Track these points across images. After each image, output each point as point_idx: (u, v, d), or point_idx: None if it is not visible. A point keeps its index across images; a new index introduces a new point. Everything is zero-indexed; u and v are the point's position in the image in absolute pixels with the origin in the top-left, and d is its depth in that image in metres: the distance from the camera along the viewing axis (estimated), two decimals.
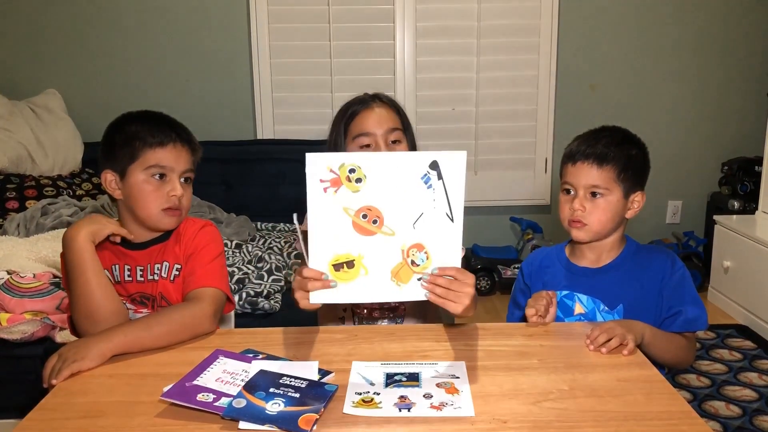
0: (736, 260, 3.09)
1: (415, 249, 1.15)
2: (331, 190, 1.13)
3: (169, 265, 1.45)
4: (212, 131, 3.30)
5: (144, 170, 1.39)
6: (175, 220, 1.43)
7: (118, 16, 3.39)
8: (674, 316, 1.41)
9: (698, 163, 3.66)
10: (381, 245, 1.14)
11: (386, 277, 1.15)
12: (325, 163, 1.12)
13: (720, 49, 3.53)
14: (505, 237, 3.72)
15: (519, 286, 1.63)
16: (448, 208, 1.14)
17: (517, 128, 3.55)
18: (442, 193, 1.14)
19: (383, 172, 1.13)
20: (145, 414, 1.03)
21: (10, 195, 2.87)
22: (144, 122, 1.42)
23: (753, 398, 2.37)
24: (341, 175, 1.13)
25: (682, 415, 1.02)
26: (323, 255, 1.15)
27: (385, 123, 1.51)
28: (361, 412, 1.03)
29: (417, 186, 1.13)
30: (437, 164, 1.13)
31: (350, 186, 1.13)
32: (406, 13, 3.39)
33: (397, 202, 1.14)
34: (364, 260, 1.15)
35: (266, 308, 2.13)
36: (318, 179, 1.13)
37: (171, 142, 1.40)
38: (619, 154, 1.42)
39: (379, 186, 1.13)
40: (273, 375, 1.12)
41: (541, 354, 1.24)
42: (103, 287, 1.33)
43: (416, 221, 1.14)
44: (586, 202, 1.43)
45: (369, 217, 1.14)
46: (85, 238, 1.33)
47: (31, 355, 1.94)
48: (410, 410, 1.03)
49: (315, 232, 1.14)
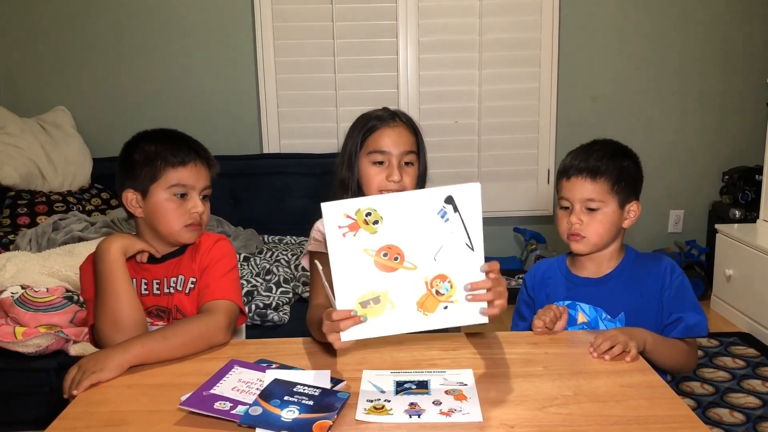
0: (737, 268, 3.12)
1: (438, 279, 1.17)
2: (350, 234, 1.15)
3: (185, 278, 1.49)
4: (219, 146, 3.34)
5: (166, 189, 1.43)
6: (196, 234, 1.48)
7: (126, 34, 3.45)
8: (675, 322, 1.44)
9: (699, 172, 3.70)
10: (404, 279, 1.16)
11: (413, 308, 1.17)
12: (341, 210, 1.15)
13: (720, 59, 3.58)
14: (509, 247, 3.75)
15: (522, 298, 1.67)
16: (467, 239, 1.16)
17: (519, 140, 3.60)
18: (459, 225, 1.16)
19: (399, 211, 1.15)
20: (165, 422, 1.07)
21: (22, 211, 2.93)
22: (163, 142, 1.46)
23: (757, 405, 2.39)
24: (358, 219, 1.15)
25: (684, 419, 1.05)
26: (350, 296, 1.16)
27: (402, 145, 1.53)
28: (373, 419, 1.06)
29: (434, 221, 1.15)
30: (452, 198, 1.15)
31: (368, 228, 1.15)
32: (409, 27, 3.45)
33: (416, 238, 1.16)
34: (389, 295, 1.17)
35: (275, 320, 2.17)
36: (336, 226, 1.15)
37: (191, 161, 1.45)
38: (612, 166, 1.45)
39: (397, 225, 1.15)
40: (287, 384, 1.16)
41: (545, 361, 1.27)
42: (130, 298, 1.38)
43: (437, 253, 1.16)
44: (583, 215, 1.46)
45: (390, 255, 1.16)
46: (118, 250, 1.39)
47: (46, 368, 1.98)
48: (420, 416, 1.07)
49: (339, 276, 1.16)
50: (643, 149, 1.58)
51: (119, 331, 1.36)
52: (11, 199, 2.97)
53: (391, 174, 1.51)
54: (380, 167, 1.53)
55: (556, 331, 1.42)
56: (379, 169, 1.53)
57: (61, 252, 2.44)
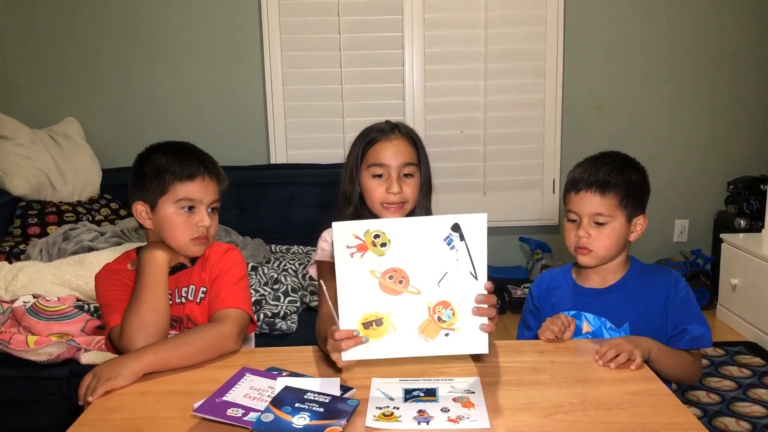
0: (743, 278, 3.13)
1: (441, 306, 1.19)
2: (357, 255, 1.18)
3: (195, 288, 1.51)
4: (227, 156, 3.35)
5: (174, 203, 1.46)
6: (203, 248, 1.50)
7: (135, 47, 3.50)
8: (680, 334, 1.45)
9: (705, 182, 3.72)
10: (407, 303, 1.19)
11: (414, 333, 1.19)
12: (350, 230, 1.18)
13: (725, 70, 3.60)
14: (515, 257, 3.77)
15: (528, 308, 1.69)
16: (471, 267, 1.19)
17: (524, 150, 3.62)
18: (465, 254, 1.18)
19: (407, 235, 1.18)
20: (179, 429, 1.09)
21: (32, 221, 2.96)
22: (173, 155, 1.49)
23: (763, 414, 2.40)
24: (366, 241, 1.18)
25: (689, 425, 1.07)
26: (353, 315, 1.20)
27: (400, 156, 1.54)
28: (382, 425, 1.08)
29: (440, 247, 1.18)
30: (459, 226, 1.18)
31: (376, 250, 1.18)
32: (415, 39, 3.48)
33: (421, 263, 1.19)
34: (392, 318, 1.19)
35: (283, 329, 2.19)
36: (345, 245, 1.18)
37: (200, 175, 1.47)
38: (621, 180, 1.46)
39: (404, 249, 1.18)
40: (298, 391, 1.18)
41: (552, 369, 1.29)
42: (166, 305, 1.42)
43: (441, 280, 1.19)
44: (591, 229, 1.48)
45: (395, 278, 1.19)
46: (165, 259, 1.44)
47: (57, 376, 2.00)
48: (429, 423, 1.09)
49: (344, 295, 1.19)
50: (648, 159, 1.60)
51: (146, 334, 1.37)
52: (22, 209, 3.00)
53: (391, 186, 1.53)
54: (380, 180, 1.55)
55: (563, 340, 1.43)
56: (379, 181, 1.55)
57: (72, 262, 2.47)
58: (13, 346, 1.96)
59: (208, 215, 1.49)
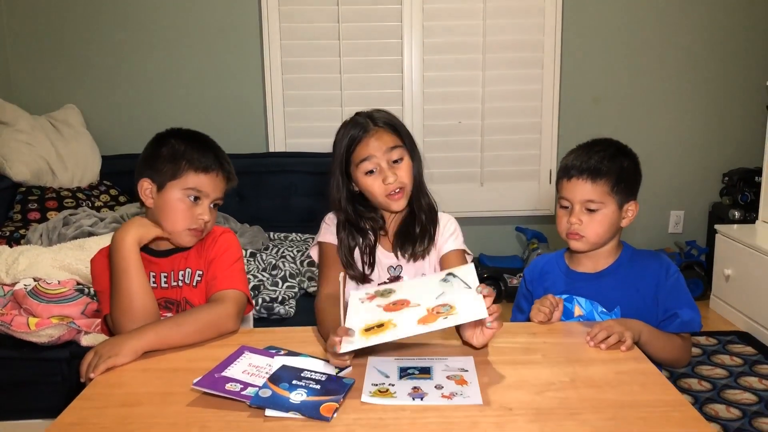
0: (736, 268, 3.16)
1: (439, 306, 1.24)
2: (367, 301, 1.35)
3: (192, 271, 1.54)
4: (226, 144, 3.34)
5: (182, 190, 1.47)
6: (195, 240, 1.53)
7: (134, 34, 3.51)
8: (670, 318, 1.48)
9: (700, 174, 3.75)
10: (408, 312, 1.26)
11: (413, 324, 1.21)
12: (365, 291, 1.39)
13: (720, 62, 3.62)
14: (511, 247, 3.80)
15: (522, 292, 1.72)
16: (465, 285, 1.29)
17: (521, 140, 3.65)
18: (459, 283, 1.30)
19: (410, 286, 1.37)
20: (179, 403, 1.12)
21: (32, 206, 2.98)
22: (193, 144, 1.50)
23: (753, 401, 2.44)
24: (376, 294, 1.37)
25: (675, 403, 1.10)
26: (356, 325, 1.25)
27: (384, 144, 1.55)
28: (378, 401, 1.11)
29: (438, 285, 1.32)
30: (453, 274, 1.34)
31: (383, 297, 1.35)
32: (414, 29, 3.50)
33: (421, 293, 1.31)
34: (393, 321, 1.24)
35: (281, 313, 2.22)
36: (358, 299, 1.36)
37: (214, 170, 1.50)
38: (612, 167, 1.48)
39: (407, 292, 1.35)
40: (295, 369, 1.20)
41: (544, 350, 1.32)
42: (143, 287, 1.43)
43: (438, 296, 1.28)
44: (583, 215, 1.50)
45: (398, 304, 1.30)
46: (132, 240, 1.43)
47: (58, 358, 2.02)
48: (423, 399, 1.12)
49: (351, 318, 1.28)
50: (643, 150, 1.62)
51: (132, 318, 1.40)
52: (22, 194, 3.02)
53: (385, 177, 1.55)
54: (374, 175, 1.56)
55: (552, 321, 1.46)
56: (374, 177, 1.56)
57: (72, 246, 2.49)
58: (15, 327, 1.99)
59: (210, 210, 1.51)
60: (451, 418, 1.06)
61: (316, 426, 1.04)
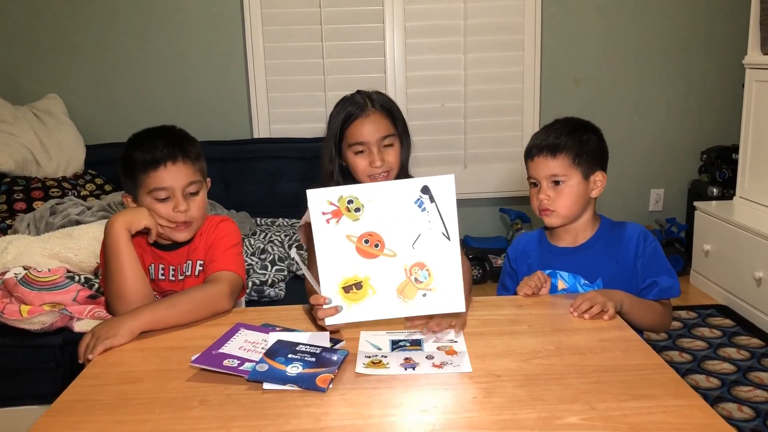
0: (716, 244, 3.23)
1: (417, 267, 1.25)
2: (333, 221, 1.25)
3: (193, 263, 1.57)
4: (210, 131, 3.42)
5: (148, 194, 1.48)
6: (186, 233, 1.53)
7: (116, 22, 3.49)
8: (650, 286, 1.54)
9: (679, 152, 3.81)
10: (385, 266, 1.25)
11: (392, 294, 1.25)
12: (325, 197, 1.24)
13: (697, 41, 3.68)
14: (496, 228, 3.85)
15: (506, 270, 1.76)
16: (443, 228, 1.24)
17: (504, 122, 3.69)
18: (436, 215, 1.24)
19: (379, 199, 1.24)
20: (178, 379, 1.15)
21: (18, 197, 2.98)
22: (140, 145, 1.50)
23: (731, 371, 2.51)
24: (341, 206, 1.24)
25: (656, 366, 1.16)
26: (332, 280, 1.26)
27: (377, 132, 1.59)
28: (372, 372, 1.16)
29: (412, 210, 1.24)
30: (428, 189, 1.24)
31: (350, 215, 1.24)
32: (395, 13, 3.52)
33: (395, 227, 1.24)
34: (371, 281, 1.26)
35: (272, 295, 2.26)
36: (320, 212, 1.24)
37: (164, 161, 1.47)
38: (571, 141, 1.55)
39: (377, 213, 1.24)
40: (290, 344, 1.24)
41: (530, 321, 1.37)
42: (135, 271, 1.45)
43: (415, 242, 1.25)
44: (550, 190, 1.56)
45: (371, 242, 1.25)
46: (121, 226, 1.45)
47: (51, 344, 2.04)
48: (415, 369, 1.16)
49: (323, 260, 1.25)
50: (624, 130, 1.67)
51: (125, 302, 1.44)
52: (7, 185, 3.02)
53: (373, 161, 1.59)
54: (363, 155, 1.61)
55: (540, 295, 1.51)
56: (362, 156, 1.61)
57: (61, 235, 2.49)
58: (7, 315, 2.00)
59: (186, 199, 1.50)
60: (442, 386, 1.11)
61: (312, 396, 1.08)
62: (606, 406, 1.02)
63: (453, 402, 1.06)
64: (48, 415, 1.06)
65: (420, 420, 1.01)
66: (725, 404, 2.28)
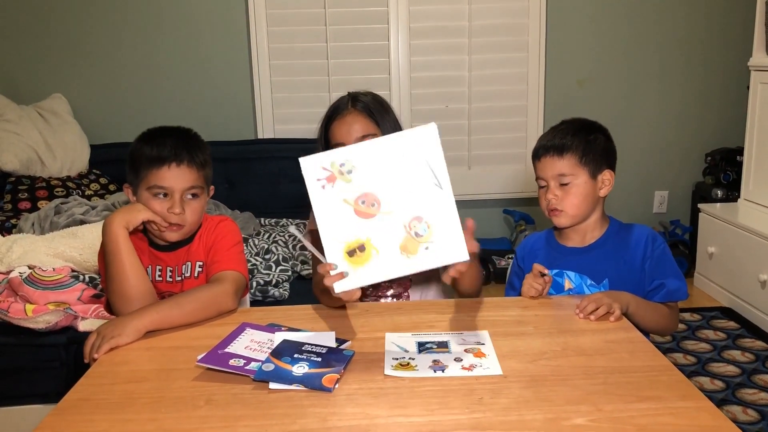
0: (720, 246, 3.23)
1: (415, 221, 1.23)
2: (328, 186, 1.24)
3: (192, 264, 1.57)
4: (215, 132, 3.42)
5: (147, 189, 1.49)
6: (176, 234, 1.52)
7: (121, 22, 3.50)
8: (657, 288, 1.53)
9: (683, 154, 3.80)
10: (384, 225, 1.24)
11: (396, 252, 1.24)
12: (318, 163, 1.24)
13: (702, 43, 3.67)
14: (499, 229, 3.85)
15: (514, 270, 1.76)
16: (434, 179, 1.23)
17: (508, 124, 3.69)
18: (425, 166, 1.24)
19: (369, 159, 1.23)
20: (184, 378, 1.15)
21: (23, 196, 2.99)
22: (150, 141, 1.50)
23: (736, 373, 2.51)
24: (334, 171, 1.24)
25: (662, 368, 1.15)
26: (336, 246, 1.24)
27: (355, 132, 1.61)
28: (401, 374, 1.15)
29: (401, 164, 1.23)
30: (413, 141, 1.24)
31: (344, 178, 1.23)
32: (400, 14, 3.52)
33: (388, 183, 1.23)
34: (372, 241, 1.24)
35: (276, 296, 2.25)
36: (315, 179, 1.24)
37: (170, 161, 1.47)
38: (577, 141, 1.55)
39: (369, 172, 1.23)
40: (296, 343, 1.24)
41: (536, 322, 1.37)
42: (135, 270, 1.45)
43: (409, 196, 1.23)
44: (558, 190, 1.56)
45: (367, 202, 1.24)
46: (119, 224, 1.45)
47: (55, 343, 2.05)
48: (444, 371, 1.16)
49: (323, 227, 1.24)
50: (628, 132, 1.67)
51: (127, 301, 1.44)
52: (12, 184, 3.03)
53: None
54: None
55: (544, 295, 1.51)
56: None
57: (65, 234, 2.50)
58: (12, 314, 2.01)
59: (184, 203, 1.50)
60: (447, 387, 1.10)
61: (319, 396, 1.08)
62: (613, 407, 1.02)
63: (459, 403, 1.06)
64: (53, 413, 1.06)
65: (426, 420, 1.00)
66: (730, 407, 2.28)
